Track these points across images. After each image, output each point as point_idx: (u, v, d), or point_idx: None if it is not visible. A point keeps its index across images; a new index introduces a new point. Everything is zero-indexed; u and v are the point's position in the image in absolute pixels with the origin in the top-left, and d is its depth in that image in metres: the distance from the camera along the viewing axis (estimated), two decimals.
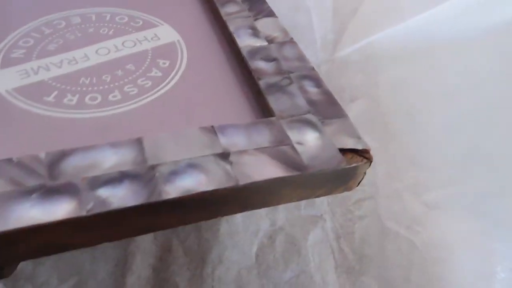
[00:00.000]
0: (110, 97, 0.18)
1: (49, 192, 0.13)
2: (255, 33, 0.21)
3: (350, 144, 0.16)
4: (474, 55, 0.25)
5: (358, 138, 0.16)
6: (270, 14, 0.22)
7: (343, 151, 0.15)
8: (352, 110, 0.28)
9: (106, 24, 0.22)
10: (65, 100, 0.17)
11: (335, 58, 0.31)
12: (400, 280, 0.22)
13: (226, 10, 0.22)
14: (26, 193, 0.13)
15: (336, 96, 0.20)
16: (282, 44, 0.20)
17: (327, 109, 0.17)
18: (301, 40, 0.22)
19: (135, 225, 0.14)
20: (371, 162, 0.16)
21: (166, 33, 0.22)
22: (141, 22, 0.22)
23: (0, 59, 0.19)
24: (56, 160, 0.13)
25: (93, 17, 0.22)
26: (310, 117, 0.16)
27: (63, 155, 0.14)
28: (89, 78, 0.19)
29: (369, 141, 0.25)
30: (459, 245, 0.23)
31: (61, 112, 0.17)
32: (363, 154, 0.16)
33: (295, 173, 0.14)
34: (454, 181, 0.24)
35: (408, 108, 0.27)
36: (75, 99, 0.18)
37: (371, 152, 0.16)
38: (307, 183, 0.15)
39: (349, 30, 0.31)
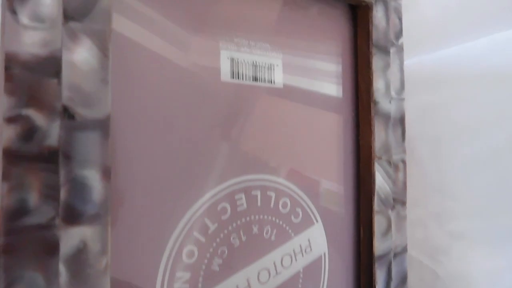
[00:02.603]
0: None
1: None
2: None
3: None
4: (507, 90, 0.23)
5: None
6: (405, 250, 0.22)
7: None
8: None
9: (269, 218, 0.18)
10: None
11: None
12: None
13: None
14: None
15: None
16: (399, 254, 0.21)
17: None
18: None
19: None
20: None
21: (317, 240, 0.19)
22: (300, 215, 0.19)
23: None
24: None
25: (258, 200, 0.17)
26: None
27: None
28: None
29: None
30: (483, 279, 0.22)
31: None
32: None
33: None
34: (480, 212, 0.23)
35: (435, 135, 0.25)
36: None
37: None
38: None
39: None
